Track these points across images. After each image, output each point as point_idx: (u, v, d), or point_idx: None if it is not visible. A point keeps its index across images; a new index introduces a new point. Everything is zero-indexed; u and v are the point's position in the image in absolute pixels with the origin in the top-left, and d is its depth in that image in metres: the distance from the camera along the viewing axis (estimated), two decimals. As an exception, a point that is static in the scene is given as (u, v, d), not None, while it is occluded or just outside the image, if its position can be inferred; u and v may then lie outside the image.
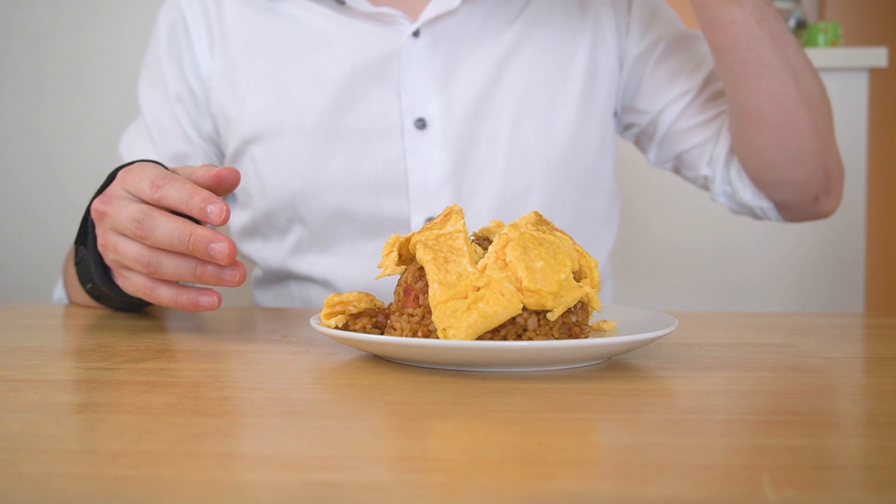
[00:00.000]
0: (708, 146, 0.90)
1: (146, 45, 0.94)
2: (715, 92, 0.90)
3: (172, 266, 0.56)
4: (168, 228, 0.54)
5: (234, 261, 0.55)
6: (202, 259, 0.55)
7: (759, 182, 0.87)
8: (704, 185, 0.93)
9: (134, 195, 0.58)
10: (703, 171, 0.91)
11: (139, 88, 0.92)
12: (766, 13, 0.76)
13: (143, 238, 0.56)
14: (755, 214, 0.91)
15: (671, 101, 0.90)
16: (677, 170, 0.95)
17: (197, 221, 0.56)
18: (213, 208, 0.54)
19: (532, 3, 0.88)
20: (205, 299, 0.57)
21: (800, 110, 0.79)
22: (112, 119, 1.50)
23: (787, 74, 0.78)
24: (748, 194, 0.88)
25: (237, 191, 0.89)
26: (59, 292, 0.90)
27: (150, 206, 0.56)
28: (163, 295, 0.58)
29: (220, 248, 0.53)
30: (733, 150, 0.87)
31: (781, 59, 0.77)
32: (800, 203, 0.87)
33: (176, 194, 0.55)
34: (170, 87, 0.88)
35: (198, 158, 0.89)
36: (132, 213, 0.56)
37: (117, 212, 0.57)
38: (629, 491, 0.28)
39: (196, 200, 0.54)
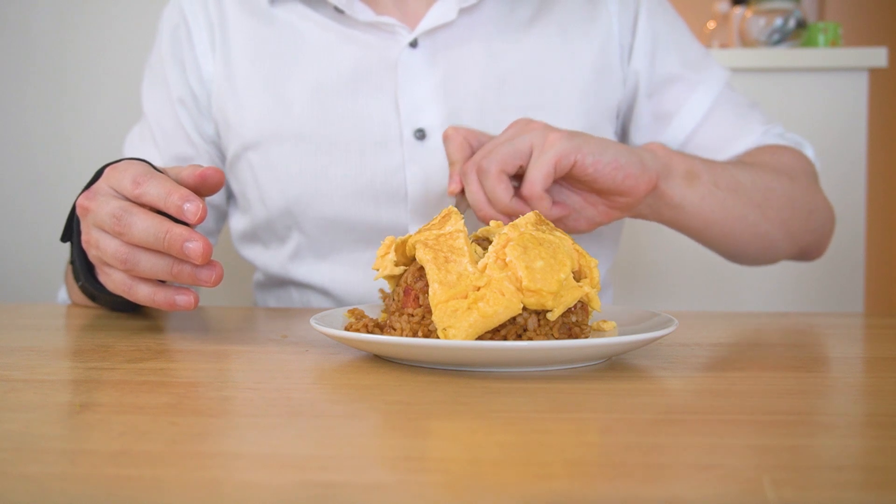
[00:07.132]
0: None
1: (147, 47, 0.94)
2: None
3: (150, 263, 0.56)
4: (145, 226, 0.55)
5: (210, 260, 0.55)
6: (179, 258, 0.55)
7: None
8: None
9: (117, 192, 0.58)
10: None
11: (142, 90, 0.92)
12: (713, 170, 0.76)
13: (121, 234, 0.56)
14: None
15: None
16: None
17: (180, 222, 0.56)
18: (190, 206, 0.54)
19: (536, 17, 0.86)
20: (181, 298, 0.57)
21: (773, 233, 0.81)
22: (113, 119, 1.50)
23: (753, 213, 0.79)
24: None
25: (237, 196, 0.89)
26: (62, 294, 0.90)
27: (130, 203, 0.56)
28: (140, 293, 0.58)
29: (194, 247, 0.53)
30: None
31: (743, 203, 0.78)
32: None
33: (155, 191, 0.55)
34: (172, 89, 0.88)
35: (201, 160, 0.89)
36: (112, 209, 0.56)
37: (99, 207, 0.57)
38: (629, 491, 0.28)
39: (174, 198, 0.54)
